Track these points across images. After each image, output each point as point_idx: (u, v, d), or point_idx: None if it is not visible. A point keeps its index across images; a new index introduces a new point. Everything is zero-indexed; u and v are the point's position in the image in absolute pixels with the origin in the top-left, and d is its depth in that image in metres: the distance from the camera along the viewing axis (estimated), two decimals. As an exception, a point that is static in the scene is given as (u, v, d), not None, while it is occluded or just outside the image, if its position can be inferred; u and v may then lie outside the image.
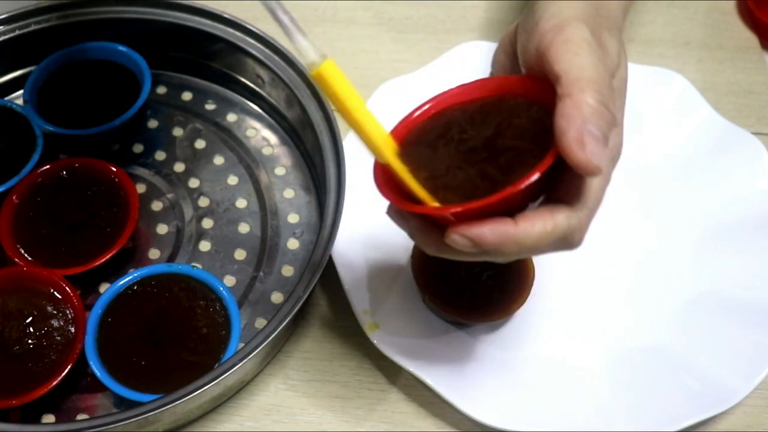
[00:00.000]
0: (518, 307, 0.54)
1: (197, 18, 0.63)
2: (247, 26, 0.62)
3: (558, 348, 0.55)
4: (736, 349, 0.52)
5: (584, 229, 0.41)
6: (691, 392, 0.51)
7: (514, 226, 0.39)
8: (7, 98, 0.65)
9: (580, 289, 0.57)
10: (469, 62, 0.65)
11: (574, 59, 0.40)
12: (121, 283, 0.53)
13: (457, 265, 0.55)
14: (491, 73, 0.51)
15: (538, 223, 0.39)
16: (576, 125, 0.38)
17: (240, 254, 0.59)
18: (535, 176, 0.38)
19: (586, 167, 0.38)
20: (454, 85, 0.53)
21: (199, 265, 0.57)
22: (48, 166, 0.59)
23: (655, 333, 0.55)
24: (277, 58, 0.61)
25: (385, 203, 0.47)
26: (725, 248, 0.57)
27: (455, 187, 0.41)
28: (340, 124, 0.57)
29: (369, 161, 0.61)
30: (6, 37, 0.63)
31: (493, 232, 0.39)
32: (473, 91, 0.45)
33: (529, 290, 0.54)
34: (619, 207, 0.61)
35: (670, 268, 0.58)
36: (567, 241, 0.40)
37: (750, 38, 0.72)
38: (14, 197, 0.57)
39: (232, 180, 0.62)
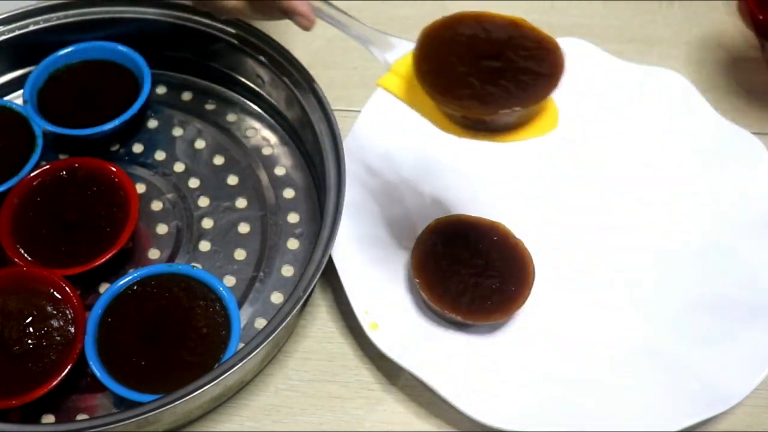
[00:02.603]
0: (518, 308, 0.54)
1: (197, 18, 0.63)
2: (247, 26, 0.62)
3: (558, 348, 0.55)
4: (736, 349, 0.52)
5: None
6: (691, 392, 0.51)
7: None
8: (6, 98, 0.65)
9: (580, 290, 0.57)
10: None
11: None
12: (121, 283, 0.53)
13: (458, 265, 0.55)
14: None
15: None
16: None
17: (240, 254, 0.59)
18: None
19: None
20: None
21: (199, 265, 0.57)
22: (48, 166, 0.59)
23: (656, 333, 0.55)
24: (277, 58, 0.61)
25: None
26: (726, 248, 0.57)
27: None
28: (340, 124, 0.57)
29: (369, 161, 0.61)
30: (6, 37, 0.63)
31: None
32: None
33: (529, 291, 0.54)
34: (618, 207, 0.61)
35: (670, 268, 0.58)
36: None
37: (750, 38, 0.72)
38: (14, 197, 0.57)
39: (232, 180, 0.62)
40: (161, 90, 0.67)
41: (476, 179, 0.62)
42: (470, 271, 0.54)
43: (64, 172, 0.59)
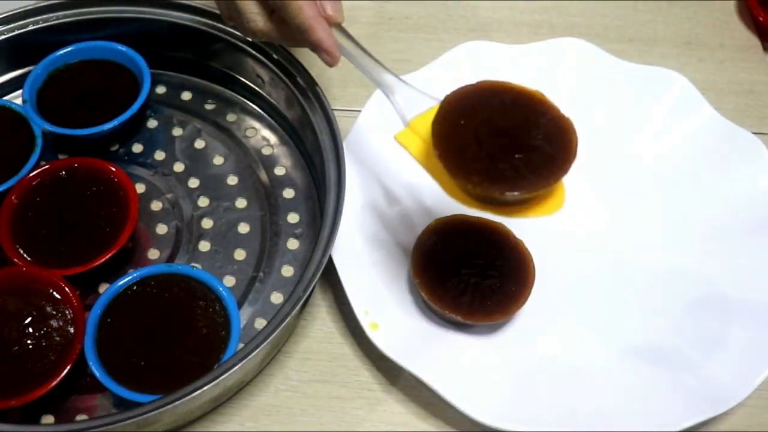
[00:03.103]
0: (518, 308, 0.54)
1: (197, 18, 0.63)
2: (247, 26, 0.62)
3: (558, 348, 0.54)
4: (736, 350, 0.52)
5: None
6: (691, 393, 0.51)
7: None
8: (6, 98, 0.65)
9: (581, 290, 0.57)
10: (469, 62, 0.65)
11: None
12: (121, 283, 0.53)
13: (458, 266, 0.55)
14: None
15: None
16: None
17: (240, 254, 0.59)
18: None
19: None
20: (454, 86, 0.54)
21: (198, 266, 0.57)
22: (47, 166, 0.59)
23: (657, 333, 0.55)
24: (276, 57, 0.61)
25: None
26: (727, 248, 0.57)
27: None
28: (340, 123, 0.57)
29: (369, 161, 0.61)
30: (5, 36, 0.63)
31: None
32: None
33: (530, 291, 0.54)
34: (619, 207, 0.61)
35: (671, 269, 0.57)
36: None
37: (750, 38, 0.73)
38: (13, 197, 0.57)
39: (232, 180, 0.62)
40: (161, 90, 0.67)
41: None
42: (470, 271, 0.54)
43: (64, 172, 0.59)
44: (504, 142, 0.49)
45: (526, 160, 0.48)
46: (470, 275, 0.54)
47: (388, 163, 0.61)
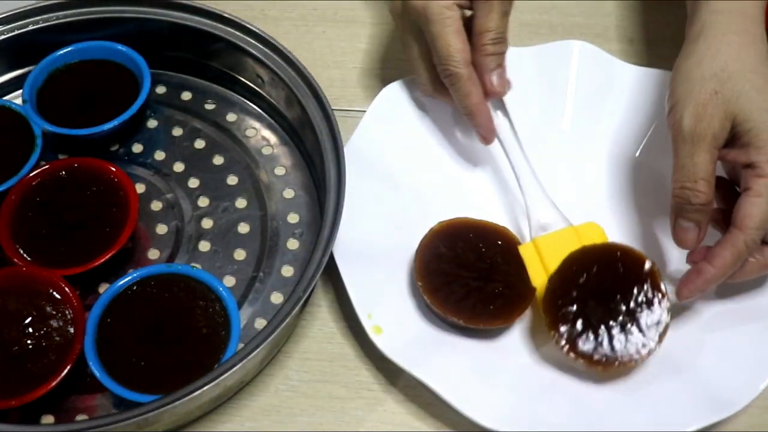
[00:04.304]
0: (521, 313, 0.53)
1: (197, 18, 0.63)
2: (247, 26, 0.62)
3: (560, 352, 0.54)
4: (740, 354, 0.52)
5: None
6: (694, 397, 0.50)
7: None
8: (6, 98, 0.65)
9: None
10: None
11: None
12: (121, 283, 0.53)
13: (461, 269, 0.54)
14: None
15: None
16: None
17: (240, 254, 0.58)
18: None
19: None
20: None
21: (198, 266, 0.57)
22: (47, 166, 0.58)
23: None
24: (276, 57, 0.61)
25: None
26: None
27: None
28: (340, 123, 0.57)
29: (371, 162, 0.61)
30: (5, 36, 0.63)
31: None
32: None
33: (533, 295, 0.54)
34: (621, 212, 0.60)
35: (675, 272, 0.57)
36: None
37: (750, 38, 0.72)
38: (13, 197, 0.57)
39: (232, 180, 0.62)
40: (161, 90, 0.67)
41: (480, 182, 0.62)
42: (473, 275, 0.54)
43: (64, 172, 0.59)
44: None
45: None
46: (473, 279, 0.54)
47: (391, 165, 0.61)
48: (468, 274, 0.54)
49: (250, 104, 0.66)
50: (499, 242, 0.56)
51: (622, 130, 0.64)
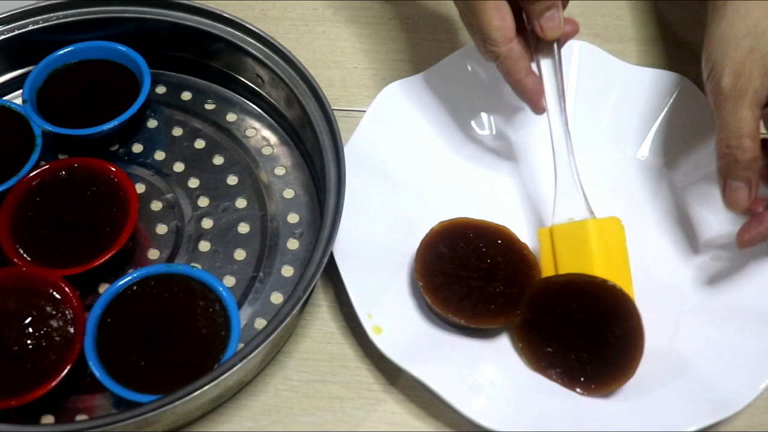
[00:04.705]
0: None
1: (197, 17, 0.63)
2: (247, 26, 0.62)
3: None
4: (740, 354, 0.52)
5: None
6: (694, 398, 0.50)
7: None
8: (6, 98, 0.65)
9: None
10: (473, 65, 0.65)
11: None
12: (121, 283, 0.53)
13: (462, 269, 0.54)
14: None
15: None
16: None
17: (240, 254, 0.59)
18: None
19: None
20: (454, 91, 0.54)
21: (198, 266, 0.57)
22: (47, 166, 0.58)
23: (658, 338, 0.54)
24: (276, 57, 0.61)
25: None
26: (730, 253, 0.57)
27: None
28: (340, 124, 0.57)
29: (371, 162, 0.61)
30: (5, 36, 0.63)
31: None
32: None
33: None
34: (620, 211, 0.60)
35: (675, 272, 0.57)
36: None
37: (750, 38, 0.72)
38: (13, 197, 0.57)
39: (232, 180, 0.62)
40: (161, 90, 0.67)
41: (481, 182, 0.62)
42: (474, 274, 0.54)
43: (64, 172, 0.59)
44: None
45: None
46: (474, 279, 0.54)
47: (391, 165, 0.61)
48: (468, 274, 0.54)
49: (250, 104, 0.66)
50: (499, 242, 0.56)
51: (622, 130, 0.64)
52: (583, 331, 0.51)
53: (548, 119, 0.57)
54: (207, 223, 0.60)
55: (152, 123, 0.65)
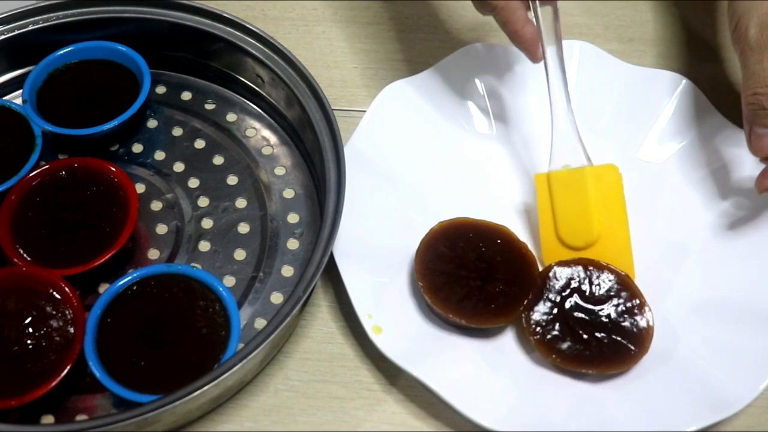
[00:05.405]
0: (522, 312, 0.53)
1: (196, 17, 0.63)
2: (247, 26, 0.62)
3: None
4: (740, 354, 0.52)
5: None
6: (694, 397, 0.50)
7: None
8: (6, 98, 0.65)
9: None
10: (473, 65, 0.65)
11: None
12: (121, 283, 0.53)
13: (462, 269, 0.54)
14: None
15: None
16: None
17: (240, 254, 0.59)
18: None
19: None
20: (454, 91, 0.54)
21: (198, 266, 0.57)
22: (47, 166, 0.58)
23: (659, 338, 0.54)
24: (276, 57, 0.61)
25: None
26: (730, 252, 0.57)
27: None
28: (340, 124, 0.57)
29: (371, 162, 0.61)
30: (5, 36, 0.63)
31: None
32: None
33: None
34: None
35: (674, 272, 0.57)
36: None
37: (750, 38, 0.72)
38: (13, 197, 0.57)
39: (232, 180, 0.62)
40: (161, 90, 0.67)
41: (481, 182, 0.62)
42: (474, 274, 0.54)
43: (64, 172, 0.59)
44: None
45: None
46: (474, 279, 0.54)
47: (391, 165, 0.61)
48: (468, 274, 0.54)
49: (250, 104, 0.66)
50: (499, 241, 0.56)
51: (622, 130, 0.64)
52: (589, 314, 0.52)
53: (545, 67, 0.58)
54: (207, 223, 0.60)
55: (152, 123, 0.65)
